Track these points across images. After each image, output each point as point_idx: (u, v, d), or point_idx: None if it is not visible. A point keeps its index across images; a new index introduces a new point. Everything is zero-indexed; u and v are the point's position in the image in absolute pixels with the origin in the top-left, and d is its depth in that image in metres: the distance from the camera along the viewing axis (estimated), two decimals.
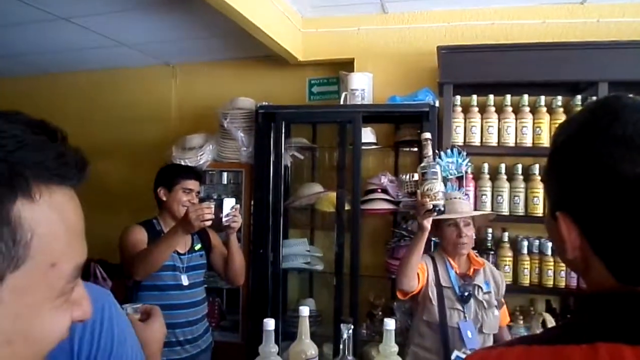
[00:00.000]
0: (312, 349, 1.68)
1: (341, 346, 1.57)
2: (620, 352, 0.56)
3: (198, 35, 3.38)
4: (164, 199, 2.49)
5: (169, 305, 2.37)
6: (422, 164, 2.11)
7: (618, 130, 0.60)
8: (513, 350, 0.65)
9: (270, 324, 1.57)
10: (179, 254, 2.44)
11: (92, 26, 3.24)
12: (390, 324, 1.60)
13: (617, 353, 0.56)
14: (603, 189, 0.60)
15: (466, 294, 2.18)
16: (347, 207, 3.05)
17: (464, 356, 2.04)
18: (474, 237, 2.30)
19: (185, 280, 2.44)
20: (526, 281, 2.89)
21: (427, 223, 2.04)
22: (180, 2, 2.93)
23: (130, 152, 4.03)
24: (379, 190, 3.10)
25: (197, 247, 2.54)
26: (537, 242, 2.93)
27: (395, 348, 1.59)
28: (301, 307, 1.72)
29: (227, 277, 2.58)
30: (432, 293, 2.19)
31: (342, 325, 1.57)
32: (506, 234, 2.97)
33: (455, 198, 2.31)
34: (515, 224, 3.02)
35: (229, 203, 2.35)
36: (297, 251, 3.21)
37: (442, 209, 2.03)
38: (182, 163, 3.23)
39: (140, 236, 2.39)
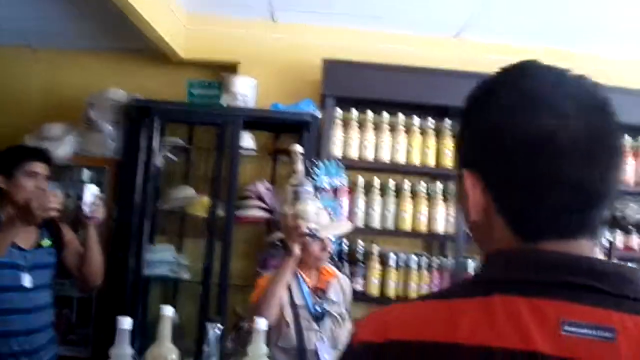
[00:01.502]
0: (173, 354, 1.53)
1: (205, 347, 1.44)
2: (515, 303, 0.55)
3: (67, 15, 3.07)
4: (3, 186, 2.12)
5: (5, 310, 2.05)
6: (294, 182, 1.97)
7: (526, 85, 0.60)
8: (407, 305, 0.62)
9: (125, 322, 1.40)
10: (21, 249, 2.10)
11: None
12: (261, 323, 1.51)
13: (511, 304, 0.55)
14: (506, 145, 0.59)
15: (320, 311, 2.02)
16: (220, 213, 2.92)
17: None
18: None
19: (27, 281, 2.09)
20: (392, 293, 2.97)
21: (298, 249, 1.88)
22: None
23: None
24: (255, 198, 3.02)
25: (46, 243, 2.21)
26: (404, 256, 3.04)
27: (265, 350, 1.50)
28: (163, 306, 1.57)
29: (82, 277, 2.27)
30: (288, 315, 1.97)
31: (207, 324, 1.46)
32: (376, 246, 3.05)
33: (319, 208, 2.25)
34: (385, 237, 3.11)
35: (90, 190, 2.09)
36: (162, 257, 2.99)
37: (316, 233, 1.87)
38: None
39: None
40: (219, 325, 1.45)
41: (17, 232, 1.97)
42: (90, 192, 2.10)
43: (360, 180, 3.05)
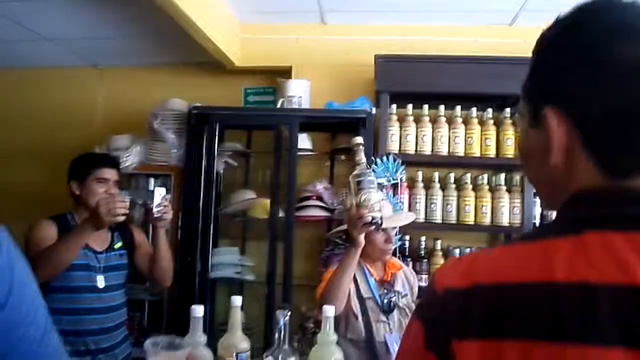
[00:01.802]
0: (244, 342, 1.56)
1: (276, 334, 1.46)
2: (610, 238, 0.53)
3: (129, 33, 3.23)
4: (77, 192, 2.25)
5: (81, 310, 2.15)
6: (356, 172, 1.94)
7: (616, 16, 0.59)
8: (491, 250, 0.60)
9: (198, 310, 1.44)
10: (95, 252, 2.22)
11: (11, 14, 3.01)
12: (329, 310, 1.51)
13: (606, 239, 0.53)
14: (600, 75, 0.58)
15: (388, 302, 2.02)
16: (280, 215, 2.96)
17: None
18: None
19: (101, 282, 2.20)
20: None
21: (362, 238, 1.85)
22: None
23: (51, 158, 3.72)
24: (314, 198, 3.04)
25: (117, 245, 2.33)
26: (467, 250, 2.97)
27: (335, 337, 1.50)
28: (233, 297, 1.60)
29: (153, 278, 2.35)
30: (356, 307, 1.99)
31: (277, 312, 1.47)
32: (439, 242, 2.99)
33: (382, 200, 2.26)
34: (448, 232, 3.05)
35: (159, 192, 2.17)
36: (227, 260, 3.06)
37: (380, 221, 1.84)
38: None
39: (48, 232, 2.14)
40: (288, 312, 1.46)
41: (89, 235, 2.05)
42: (159, 195, 2.17)
43: (420, 175, 3.01)
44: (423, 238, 3.00)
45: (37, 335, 0.74)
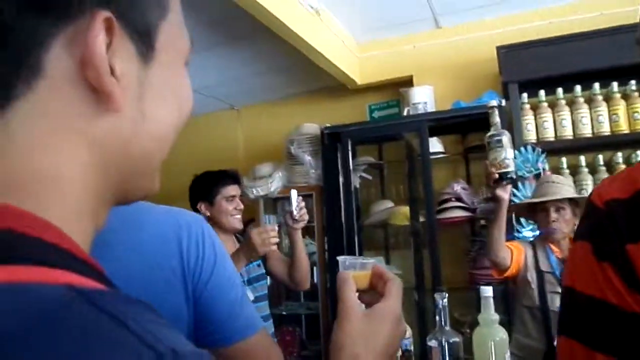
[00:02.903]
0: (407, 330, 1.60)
1: (437, 317, 1.48)
2: None
3: (259, 70, 3.54)
4: (208, 214, 2.27)
5: None
6: (487, 134, 2.01)
7: None
8: None
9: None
10: None
11: None
12: (487, 290, 1.51)
13: None
14: None
15: None
16: (421, 220, 2.98)
17: None
18: (574, 222, 2.16)
19: (250, 294, 2.23)
20: None
21: (502, 193, 1.95)
22: (241, 39, 3.10)
23: None
24: (453, 199, 3.02)
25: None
26: None
27: (496, 316, 1.49)
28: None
29: (292, 281, 2.39)
30: (532, 277, 2.14)
31: (436, 294, 1.50)
32: None
33: (550, 181, 2.23)
34: None
35: (294, 195, 2.24)
36: None
37: (514, 176, 1.95)
38: (253, 191, 3.30)
39: None
40: (446, 294, 1.48)
41: (243, 265, 2.13)
42: (295, 197, 2.23)
43: (564, 162, 2.85)
44: None
45: (237, 297, 0.87)
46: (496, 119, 1.99)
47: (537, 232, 2.54)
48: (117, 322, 0.29)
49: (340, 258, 0.68)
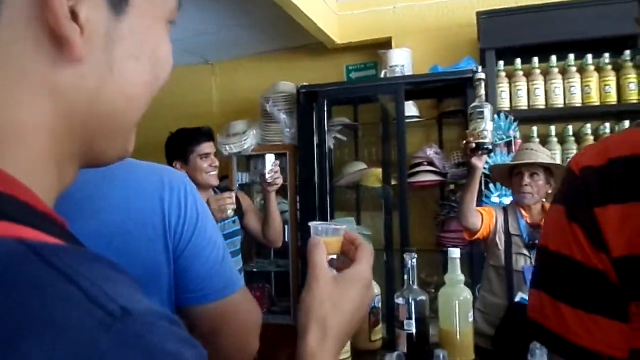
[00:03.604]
0: (375, 288, 1.64)
1: (405, 276, 1.53)
2: None
3: (236, 24, 3.44)
4: (183, 171, 2.34)
5: None
6: (471, 105, 2.13)
7: None
8: (622, 133, 0.64)
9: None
10: None
11: None
12: (455, 252, 1.56)
13: None
14: None
15: (535, 241, 2.16)
16: (393, 182, 3.02)
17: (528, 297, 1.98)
18: (547, 188, 2.24)
19: None
20: None
21: (477, 162, 2.05)
22: None
23: None
24: (425, 163, 3.06)
25: (230, 214, 2.42)
26: None
27: (462, 277, 1.54)
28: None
29: (266, 238, 2.51)
30: (500, 239, 2.24)
31: (405, 254, 1.54)
32: None
33: (528, 149, 2.29)
34: None
35: (270, 159, 2.34)
36: None
37: (490, 147, 2.05)
38: (226, 148, 3.27)
39: None
40: (415, 254, 1.52)
41: None
42: (270, 161, 2.33)
43: (534, 130, 2.91)
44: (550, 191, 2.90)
45: (218, 256, 0.88)
46: (481, 90, 2.09)
47: (507, 198, 2.62)
48: (66, 279, 0.28)
49: (312, 223, 0.69)
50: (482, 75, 2.18)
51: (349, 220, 3.28)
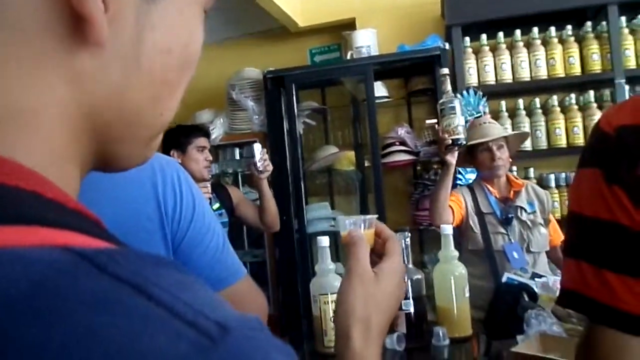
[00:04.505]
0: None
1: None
2: None
3: None
4: (179, 161, 2.35)
5: None
6: (440, 101, 2.13)
7: None
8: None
9: (324, 240, 1.50)
10: None
11: None
12: (447, 229, 1.55)
13: None
14: None
15: (509, 216, 2.15)
16: (367, 164, 3.00)
17: (515, 276, 1.99)
18: (510, 160, 2.26)
19: None
20: (557, 215, 2.84)
21: (451, 158, 2.07)
22: None
23: None
24: (397, 143, 3.05)
25: (215, 206, 2.48)
26: (563, 176, 2.89)
27: (456, 253, 1.53)
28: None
29: (264, 224, 2.58)
30: (474, 222, 2.20)
31: (398, 234, 1.51)
32: (531, 170, 2.93)
33: (484, 123, 2.28)
34: (540, 160, 2.97)
35: (257, 148, 2.36)
36: (320, 215, 3.15)
37: (464, 142, 2.07)
38: None
39: None
40: (408, 233, 1.50)
41: None
42: (258, 150, 2.37)
43: (503, 105, 2.94)
44: (514, 168, 2.94)
45: (218, 244, 0.83)
46: (448, 86, 2.11)
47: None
48: (138, 291, 0.22)
49: (340, 218, 0.67)
50: (446, 71, 2.20)
51: (324, 205, 3.26)
